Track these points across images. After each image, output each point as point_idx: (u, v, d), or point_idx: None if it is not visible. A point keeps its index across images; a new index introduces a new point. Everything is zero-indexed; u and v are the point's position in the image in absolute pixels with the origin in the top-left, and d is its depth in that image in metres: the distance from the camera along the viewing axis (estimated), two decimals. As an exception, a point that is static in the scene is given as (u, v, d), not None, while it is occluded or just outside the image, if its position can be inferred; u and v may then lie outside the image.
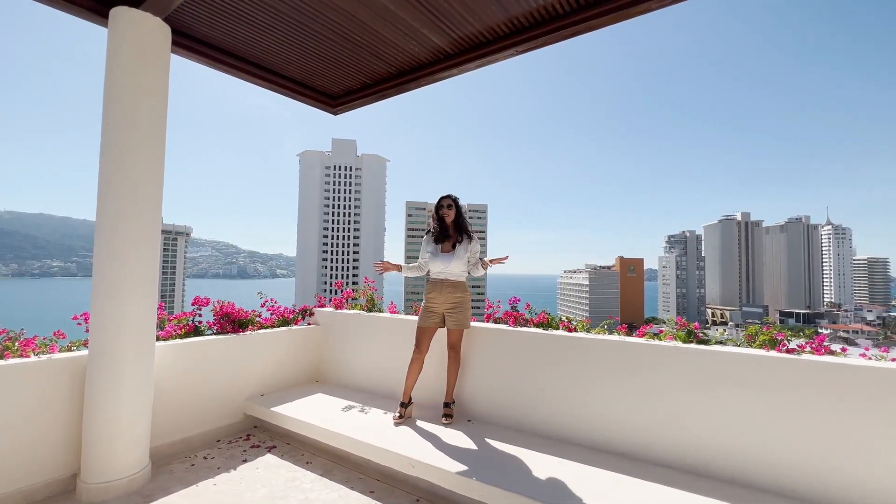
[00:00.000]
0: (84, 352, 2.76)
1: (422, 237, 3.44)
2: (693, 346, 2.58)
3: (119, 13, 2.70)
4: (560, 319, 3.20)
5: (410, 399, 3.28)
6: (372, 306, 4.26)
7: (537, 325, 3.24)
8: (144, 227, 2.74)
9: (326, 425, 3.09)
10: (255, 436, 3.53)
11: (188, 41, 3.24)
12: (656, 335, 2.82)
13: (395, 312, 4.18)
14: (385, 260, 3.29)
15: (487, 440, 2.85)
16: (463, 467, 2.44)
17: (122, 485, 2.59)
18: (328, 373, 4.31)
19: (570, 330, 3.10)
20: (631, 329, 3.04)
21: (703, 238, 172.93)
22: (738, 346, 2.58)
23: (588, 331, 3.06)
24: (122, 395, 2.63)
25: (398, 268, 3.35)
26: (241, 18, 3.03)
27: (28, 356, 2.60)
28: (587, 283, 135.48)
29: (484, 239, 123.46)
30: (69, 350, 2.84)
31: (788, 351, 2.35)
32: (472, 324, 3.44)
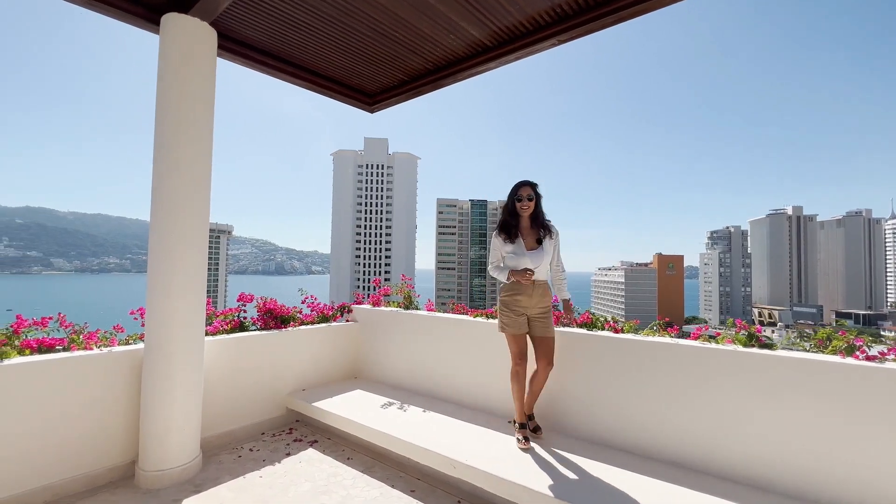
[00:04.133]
0: (141, 345, 2.90)
1: (453, 234, 3.33)
2: (755, 350, 2.39)
3: (169, 19, 2.80)
4: (605, 320, 3.06)
5: (532, 415, 2.91)
6: (409, 304, 4.26)
7: (580, 326, 3.12)
8: (194, 225, 2.84)
9: (367, 422, 3.10)
10: (297, 430, 3.60)
11: (233, 44, 3.32)
12: (712, 337, 2.64)
13: (432, 310, 4.16)
14: (524, 270, 2.75)
15: (531, 441, 2.77)
16: (505, 470, 2.38)
17: (176, 473, 2.70)
18: (366, 369, 4.35)
19: (616, 331, 2.96)
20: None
21: (749, 234, 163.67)
22: (807, 351, 2.37)
23: (636, 332, 2.92)
24: (175, 387, 2.74)
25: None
26: (283, 19, 3.08)
27: (91, 349, 2.76)
28: (623, 280, 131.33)
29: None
30: (127, 343, 2.99)
31: (868, 358, 2.13)
32: (497, 322, 3.37)
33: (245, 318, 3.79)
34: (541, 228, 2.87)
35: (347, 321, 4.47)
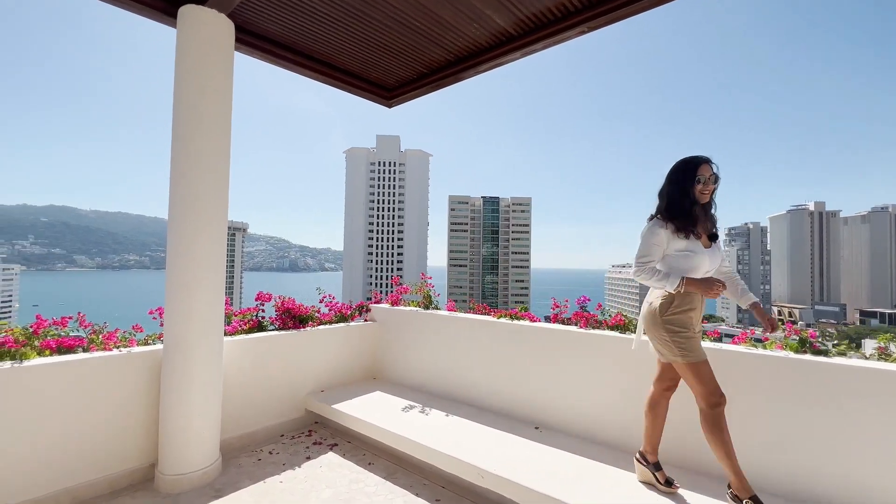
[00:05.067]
0: (159, 346, 2.85)
1: (465, 231, 3.07)
2: (808, 357, 2.22)
3: (187, 11, 2.72)
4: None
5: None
6: (429, 303, 4.14)
7: (612, 328, 2.96)
8: (212, 223, 2.76)
9: (388, 426, 3.01)
10: (316, 432, 3.53)
11: (250, 37, 3.23)
12: (758, 341, 2.47)
13: (453, 310, 4.04)
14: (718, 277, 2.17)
15: (559, 450, 2.63)
16: (539, 482, 2.25)
17: (196, 477, 2.64)
18: (385, 370, 4.26)
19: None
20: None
21: (768, 230, 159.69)
22: (867, 358, 2.19)
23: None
24: (194, 388, 2.68)
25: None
26: (301, 10, 2.98)
27: (110, 349, 2.71)
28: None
29: (528, 233, 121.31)
30: (146, 343, 2.94)
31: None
32: (523, 323, 3.24)
33: (263, 317, 3.73)
34: (712, 221, 2.22)
35: (366, 321, 4.38)
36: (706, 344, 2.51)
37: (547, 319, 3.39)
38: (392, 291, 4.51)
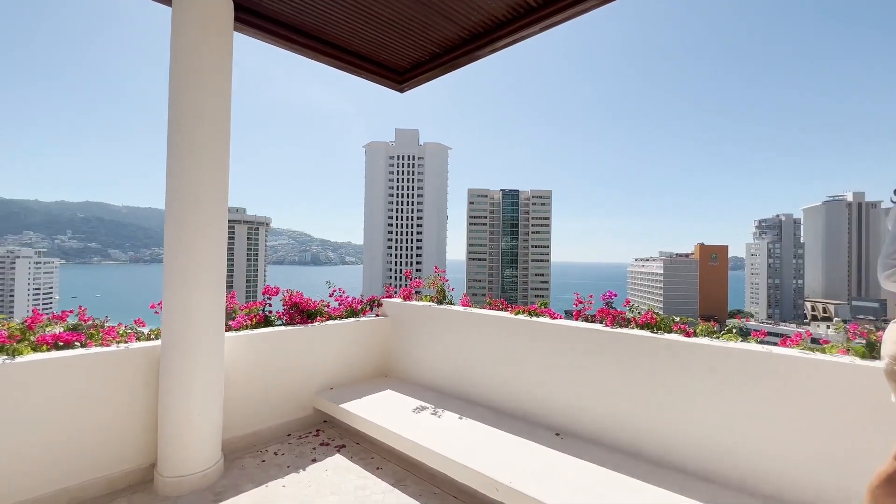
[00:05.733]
0: (159, 342, 2.73)
1: (484, 225, 2.79)
2: (879, 363, 1.90)
3: (181, -13, 2.56)
4: (673, 320, 2.62)
5: None
6: (443, 298, 3.94)
7: (642, 327, 2.69)
8: (212, 213, 2.61)
9: (398, 429, 2.82)
10: (324, 431, 3.38)
11: (251, 17, 3.05)
12: (816, 342, 2.16)
13: (467, 306, 3.82)
14: None
15: (582, 460, 2.39)
16: (559, 498, 2.02)
17: (196, 479, 2.52)
18: (397, 367, 4.08)
19: (687, 334, 2.51)
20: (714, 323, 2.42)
21: (802, 222, 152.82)
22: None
23: (712, 335, 2.46)
24: (193, 387, 2.55)
25: None
26: (302, -16, 2.78)
27: (109, 345, 2.60)
28: (661, 272, 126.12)
29: (548, 227, 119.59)
30: (148, 339, 2.83)
31: None
32: (543, 320, 2.99)
33: (270, 312, 3.60)
34: None
35: (377, 316, 4.21)
36: (750, 346, 2.22)
37: (568, 315, 3.14)
38: (405, 286, 4.32)
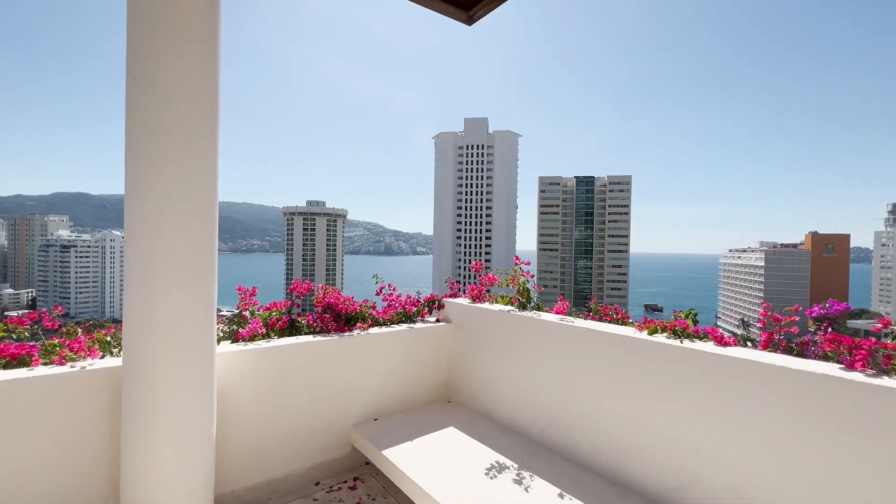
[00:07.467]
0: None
1: (556, 214, 1.73)
2: None
3: None
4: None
5: None
6: (527, 301, 2.81)
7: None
8: (184, 193, 1.77)
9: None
10: (365, 481, 2.48)
11: None
12: None
13: (563, 313, 2.67)
14: None
15: None
16: None
17: (170, 565, 1.72)
18: (462, 392, 3.06)
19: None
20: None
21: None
22: None
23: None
24: (163, 426, 1.75)
25: None
26: None
27: (64, 364, 1.88)
28: (762, 264, 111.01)
29: (627, 215, 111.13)
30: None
31: None
32: (712, 349, 1.75)
33: (300, 314, 2.76)
34: None
35: (437, 321, 3.22)
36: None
37: (750, 344, 1.86)
38: (474, 282, 3.26)
